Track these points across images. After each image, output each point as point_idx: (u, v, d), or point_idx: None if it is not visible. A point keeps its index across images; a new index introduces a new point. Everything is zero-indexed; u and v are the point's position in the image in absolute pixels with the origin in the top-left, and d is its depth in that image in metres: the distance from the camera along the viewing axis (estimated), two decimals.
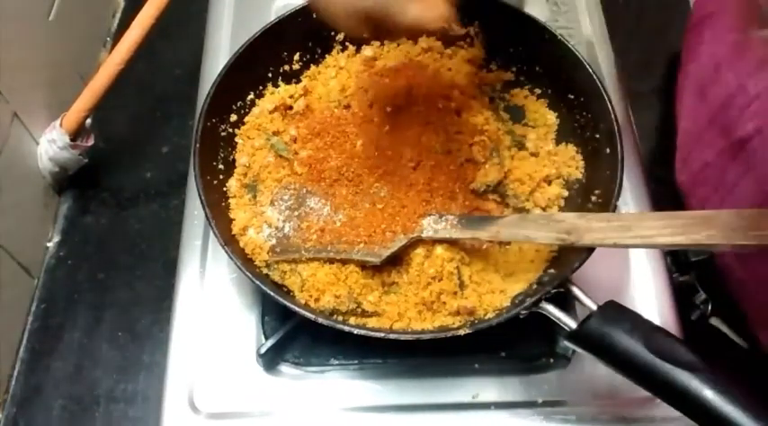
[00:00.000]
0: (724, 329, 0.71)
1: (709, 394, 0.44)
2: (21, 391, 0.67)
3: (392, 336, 0.55)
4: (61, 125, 0.72)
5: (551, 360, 0.63)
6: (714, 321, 0.71)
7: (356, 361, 0.63)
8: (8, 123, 0.68)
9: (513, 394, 0.62)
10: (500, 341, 0.64)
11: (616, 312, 0.51)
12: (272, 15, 0.82)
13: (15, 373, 0.68)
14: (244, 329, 0.65)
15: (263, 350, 0.61)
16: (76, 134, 0.73)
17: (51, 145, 0.73)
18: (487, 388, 0.62)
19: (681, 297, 0.68)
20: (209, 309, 0.66)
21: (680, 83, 0.71)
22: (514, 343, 0.64)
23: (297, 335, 0.64)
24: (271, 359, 0.63)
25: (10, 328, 0.69)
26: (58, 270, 0.74)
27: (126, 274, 0.73)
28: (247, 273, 0.56)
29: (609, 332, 0.49)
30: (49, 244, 0.76)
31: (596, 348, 0.50)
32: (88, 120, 0.75)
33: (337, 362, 0.64)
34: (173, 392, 0.62)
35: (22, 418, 0.66)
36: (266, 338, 0.63)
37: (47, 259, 0.75)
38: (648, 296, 0.67)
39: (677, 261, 0.70)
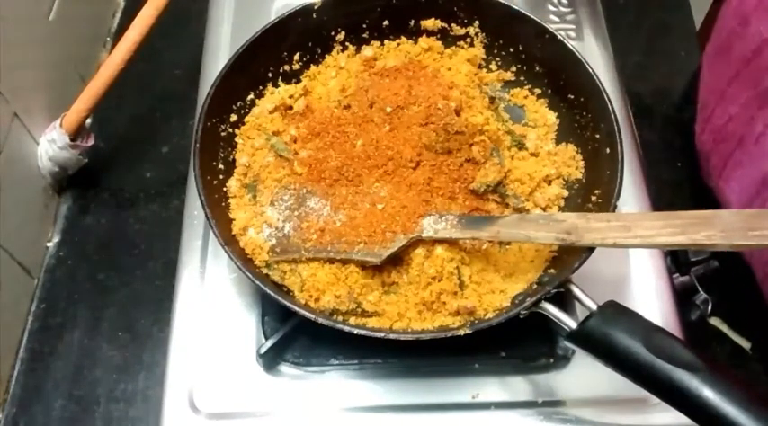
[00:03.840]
0: (724, 329, 0.71)
1: (709, 394, 0.44)
2: (21, 391, 0.67)
3: (392, 336, 0.55)
4: (61, 125, 0.72)
5: (551, 360, 0.63)
6: (714, 321, 0.71)
7: (356, 361, 0.63)
8: (8, 123, 0.68)
9: (513, 394, 0.62)
10: (500, 341, 0.64)
11: (616, 312, 0.51)
12: (272, 15, 0.82)
13: (15, 373, 0.68)
14: (244, 329, 0.65)
15: (263, 350, 0.61)
16: (76, 134, 0.73)
17: (51, 145, 0.73)
18: (487, 388, 0.62)
19: (681, 297, 0.68)
20: (209, 309, 0.66)
21: (710, 42, 0.69)
22: (514, 343, 0.64)
23: (297, 335, 0.64)
24: (271, 359, 0.63)
25: (10, 328, 0.69)
26: (57, 271, 0.74)
27: (126, 274, 0.73)
28: (247, 273, 0.56)
29: (609, 332, 0.49)
30: (49, 244, 0.76)
31: (596, 348, 0.50)
32: (88, 120, 0.75)
33: (337, 362, 0.64)
34: (173, 392, 0.62)
35: (22, 418, 0.66)
36: (266, 338, 0.63)
37: (47, 259, 0.75)
38: (648, 296, 0.67)
39: (677, 261, 0.70)
